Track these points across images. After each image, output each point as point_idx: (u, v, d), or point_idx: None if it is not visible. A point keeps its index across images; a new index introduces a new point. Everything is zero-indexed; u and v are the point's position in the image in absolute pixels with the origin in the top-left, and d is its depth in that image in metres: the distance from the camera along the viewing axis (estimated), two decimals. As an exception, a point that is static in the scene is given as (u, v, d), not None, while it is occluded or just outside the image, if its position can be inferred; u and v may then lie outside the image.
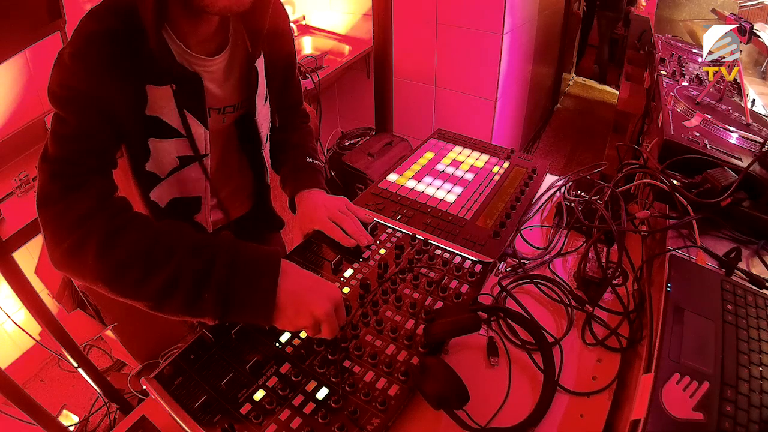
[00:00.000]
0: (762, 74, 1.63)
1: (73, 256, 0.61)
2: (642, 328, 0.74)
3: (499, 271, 0.86)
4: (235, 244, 0.64)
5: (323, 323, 0.64)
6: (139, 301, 0.62)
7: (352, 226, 0.87)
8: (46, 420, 1.26)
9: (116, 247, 0.60)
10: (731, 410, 0.51)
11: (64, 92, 0.64)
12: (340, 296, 0.67)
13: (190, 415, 0.60)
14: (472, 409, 0.60)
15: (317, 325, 0.64)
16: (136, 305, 0.63)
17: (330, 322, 0.64)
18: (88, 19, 0.66)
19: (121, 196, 0.67)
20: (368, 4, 2.37)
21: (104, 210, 0.62)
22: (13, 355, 1.94)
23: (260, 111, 0.89)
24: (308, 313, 0.63)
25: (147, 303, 0.62)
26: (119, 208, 0.65)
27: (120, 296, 0.62)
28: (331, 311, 0.64)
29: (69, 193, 0.62)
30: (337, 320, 0.66)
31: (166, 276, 0.60)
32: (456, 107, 2.65)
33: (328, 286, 0.67)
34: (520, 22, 2.54)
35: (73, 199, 0.61)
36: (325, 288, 0.66)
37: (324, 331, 0.64)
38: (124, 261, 0.60)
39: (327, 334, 0.65)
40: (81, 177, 0.63)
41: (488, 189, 1.02)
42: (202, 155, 0.83)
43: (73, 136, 0.64)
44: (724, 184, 0.80)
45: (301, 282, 0.65)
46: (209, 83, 0.79)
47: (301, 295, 0.64)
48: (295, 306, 0.63)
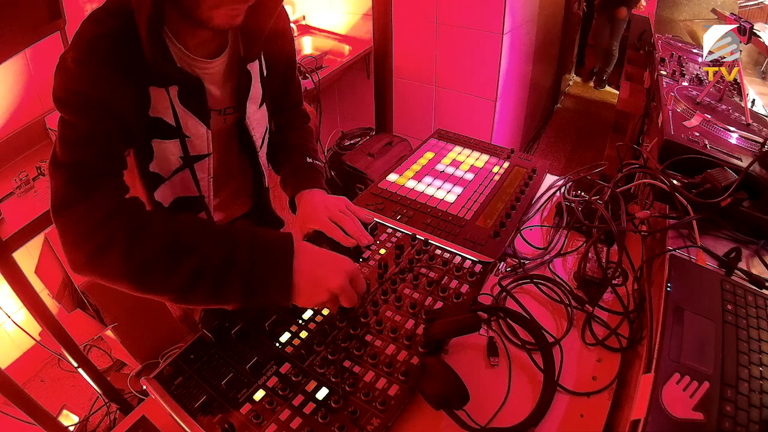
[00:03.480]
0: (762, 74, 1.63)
1: (98, 257, 0.61)
2: (642, 328, 0.74)
3: (499, 271, 0.86)
4: (252, 231, 0.66)
5: (340, 295, 0.66)
6: (164, 294, 0.63)
7: (352, 226, 0.87)
8: (46, 420, 1.26)
9: (142, 245, 0.61)
10: (731, 410, 0.51)
11: (72, 97, 0.64)
12: (354, 266, 0.68)
13: (190, 415, 0.61)
14: (472, 409, 0.60)
15: (335, 298, 0.66)
16: (158, 299, 0.64)
17: (346, 293, 0.66)
18: (90, 22, 0.66)
19: (134, 195, 0.67)
20: (368, 4, 2.37)
21: (123, 210, 0.63)
22: (13, 355, 1.94)
23: (252, 115, 0.89)
24: (324, 288, 0.65)
25: (171, 296, 0.62)
26: (137, 207, 0.65)
27: (145, 292, 0.63)
28: (346, 283, 0.66)
29: (87, 196, 0.62)
30: (356, 289, 0.67)
31: (192, 268, 0.61)
32: (456, 107, 2.65)
33: (341, 259, 0.69)
34: (520, 22, 2.54)
35: (93, 202, 0.62)
36: (338, 261, 0.68)
37: (343, 302, 0.66)
38: (150, 257, 0.61)
39: (346, 304, 0.66)
40: (96, 179, 0.63)
41: (488, 189, 1.02)
42: (204, 155, 0.83)
43: (83, 139, 0.64)
44: (724, 184, 0.80)
45: (315, 259, 0.67)
46: (209, 85, 0.79)
47: (315, 272, 0.65)
48: (311, 283, 0.65)
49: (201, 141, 0.81)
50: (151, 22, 0.64)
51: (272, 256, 0.64)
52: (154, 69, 0.69)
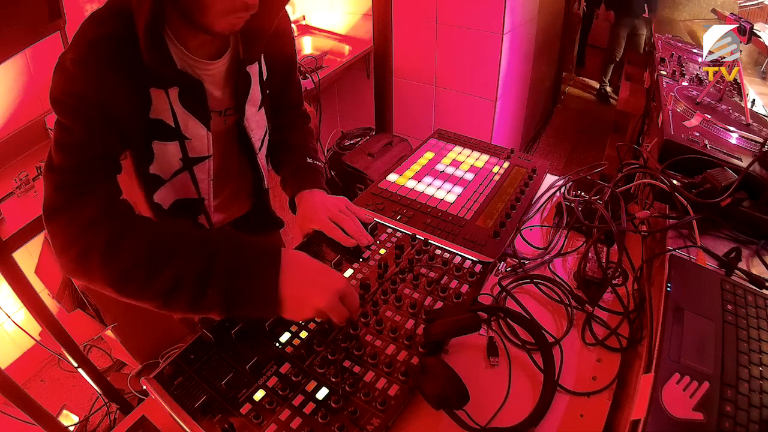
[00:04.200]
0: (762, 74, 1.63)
1: (80, 264, 0.61)
2: (642, 328, 0.74)
3: (499, 271, 0.86)
4: (235, 239, 0.65)
5: (329, 313, 0.64)
6: (147, 302, 0.63)
7: (352, 226, 0.87)
8: (46, 420, 1.26)
9: (119, 254, 0.61)
10: (731, 410, 0.51)
11: (68, 100, 0.63)
12: (344, 284, 0.66)
13: (190, 415, 0.60)
14: (472, 409, 0.60)
15: (324, 315, 0.65)
16: (145, 306, 0.64)
17: (335, 311, 0.64)
18: (90, 24, 0.65)
19: (124, 199, 0.67)
20: (368, 4, 2.37)
21: (106, 217, 0.63)
22: (13, 355, 1.94)
23: (251, 117, 0.89)
24: (310, 306, 0.64)
25: (155, 303, 0.63)
26: (121, 213, 0.65)
27: (129, 299, 0.63)
28: (334, 302, 0.64)
29: (72, 203, 0.62)
30: (348, 306, 0.66)
31: (170, 277, 0.60)
32: (456, 107, 2.65)
33: (331, 277, 0.67)
34: (520, 22, 2.54)
35: (76, 209, 0.62)
36: (328, 279, 0.66)
37: (333, 318, 0.65)
38: (127, 266, 0.61)
39: (336, 320, 0.65)
40: (85, 186, 0.63)
41: (488, 189, 1.02)
42: (204, 157, 0.83)
43: (78, 144, 0.63)
44: (724, 184, 0.80)
45: (304, 275, 0.65)
46: (210, 86, 0.79)
47: (302, 288, 0.64)
48: (298, 299, 0.64)
49: (201, 143, 0.81)
50: (149, 26, 0.63)
51: (257, 267, 0.63)
52: (153, 71, 0.69)
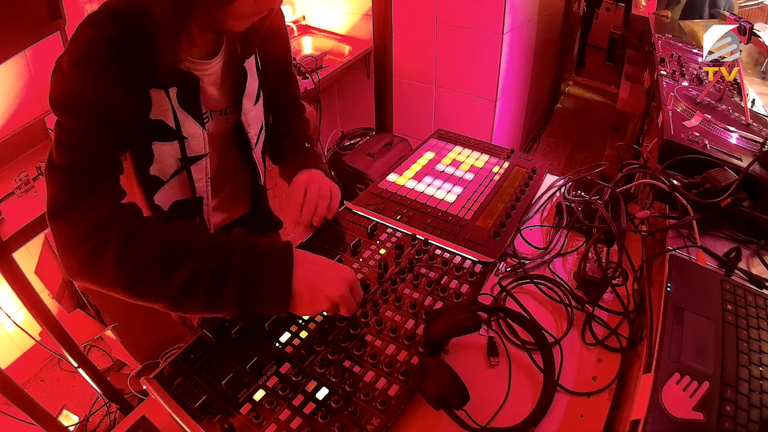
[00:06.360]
0: (762, 74, 1.63)
1: (90, 264, 0.61)
2: (642, 328, 0.74)
3: (499, 271, 0.86)
4: (249, 239, 0.66)
5: (340, 304, 0.66)
6: (158, 302, 0.62)
7: (309, 208, 0.89)
8: (46, 420, 1.26)
9: (134, 252, 0.60)
10: (731, 410, 0.51)
11: (68, 101, 0.63)
12: (353, 276, 0.69)
13: (190, 415, 0.60)
14: (472, 409, 0.60)
15: (335, 306, 0.66)
16: (154, 306, 0.63)
17: (346, 302, 0.66)
18: (87, 26, 0.65)
19: (131, 201, 0.67)
20: (368, 4, 2.37)
21: (117, 216, 0.63)
22: (13, 355, 1.94)
23: (248, 112, 0.89)
24: (324, 298, 0.65)
25: (167, 303, 0.62)
26: (131, 214, 0.65)
27: (140, 299, 0.62)
28: (346, 292, 0.66)
29: (81, 201, 0.62)
30: (355, 297, 0.68)
31: (186, 276, 0.60)
32: (456, 107, 2.65)
33: (340, 268, 0.69)
34: (520, 22, 2.54)
35: (86, 207, 0.61)
36: (338, 270, 0.68)
37: (342, 310, 0.67)
38: (142, 265, 0.60)
39: (346, 313, 0.67)
40: (91, 185, 0.63)
41: (488, 189, 1.02)
42: (201, 155, 0.83)
43: (79, 144, 0.63)
44: (724, 184, 0.80)
45: (314, 268, 0.67)
46: (208, 86, 0.80)
47: (315, 281, 0.65)
48: (311, 292, 0.65)
49: (198, 141, 0.81)
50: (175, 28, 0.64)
51: (271, 265, 0.64)
52: (155, 69, 0.69)
